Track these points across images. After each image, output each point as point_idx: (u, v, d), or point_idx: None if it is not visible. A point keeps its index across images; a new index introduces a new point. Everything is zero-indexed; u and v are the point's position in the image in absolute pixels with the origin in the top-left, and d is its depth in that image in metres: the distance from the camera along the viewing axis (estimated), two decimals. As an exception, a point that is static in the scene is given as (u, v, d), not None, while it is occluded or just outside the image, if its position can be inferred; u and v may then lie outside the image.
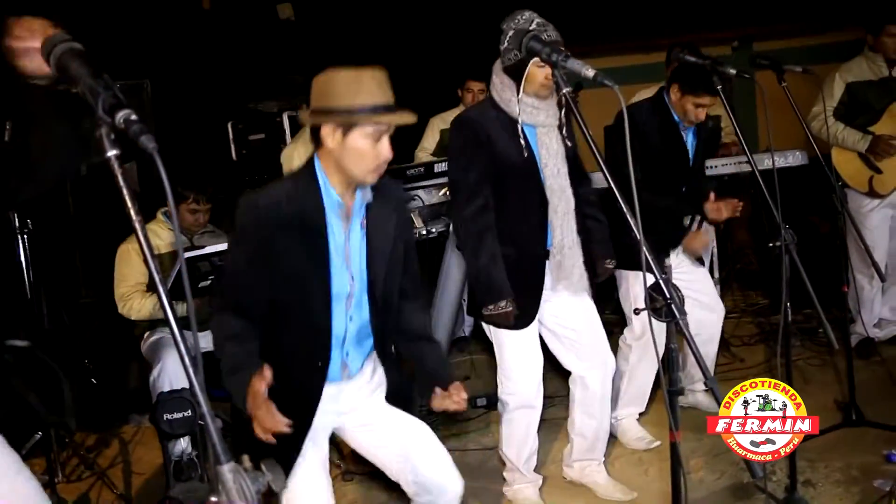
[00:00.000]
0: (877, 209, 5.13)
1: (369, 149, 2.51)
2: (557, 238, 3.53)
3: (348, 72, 2.51)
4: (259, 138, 6.79)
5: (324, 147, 2.55)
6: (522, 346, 3.66)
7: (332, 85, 2.52)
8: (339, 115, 2.48)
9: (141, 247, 1.44)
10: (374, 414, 2.87)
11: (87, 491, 4.43)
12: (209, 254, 4.26)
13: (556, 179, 3.48)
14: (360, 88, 2.48)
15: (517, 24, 3.27)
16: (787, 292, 3.28)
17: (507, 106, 3.43)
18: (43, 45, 1.59)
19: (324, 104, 2.52)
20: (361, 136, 2.49)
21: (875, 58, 5.03)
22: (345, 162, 2.53)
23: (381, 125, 2.50)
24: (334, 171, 2.58)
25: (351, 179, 2.58)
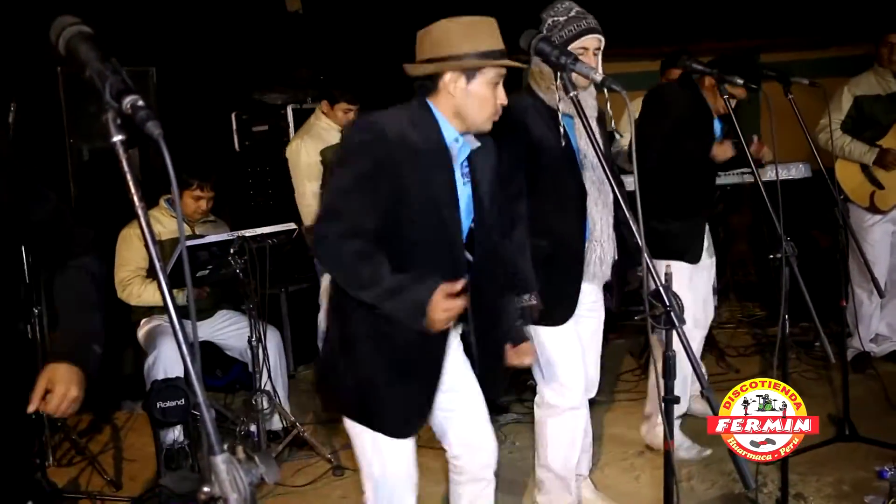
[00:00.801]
0: (878, 224, 5.14)
1: (490, 94, 2.53)
2: (598, 231, 3.40)
3: (463, 20, 2.52)
4: (262, 130, 6.78)
5: (439, 95, 2.55)
6: (567, 343, 3.46)
7: (450, 33, 2.52)
8: (463, 60, 2.49)
9: (143, 232, 1.43)
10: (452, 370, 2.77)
11: (78, 476, 4.43)
12: (209, 243, 4.26)
13: (595, 171, 3.37)
14: (481, 35, 2.52)
15: (556, 13, 3.23)
16: (786, 305, 3.27)
17: (544, 95, 3.31)
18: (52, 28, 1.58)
19: (444, 52, 2.50)
20: (484, 81, 2.52)
21: (884, 73, 5.04)
22: (467, 108, 2.54)
23: (501, 70, 2.53)
24: (451, 119, 2.57)
25: (470, 126, 2.58)
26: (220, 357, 5.05)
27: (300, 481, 4.26)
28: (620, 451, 4.41)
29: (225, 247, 4.28)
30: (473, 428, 2.84)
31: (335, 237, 2.46)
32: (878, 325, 5.38)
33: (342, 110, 5.31)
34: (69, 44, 1.55)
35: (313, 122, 5.44)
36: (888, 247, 5.21)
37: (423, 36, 2.57)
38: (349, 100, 5.29)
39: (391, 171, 2.47)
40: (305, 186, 5.28)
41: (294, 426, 4.54)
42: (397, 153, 2.47)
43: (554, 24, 3.21)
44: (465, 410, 2.81)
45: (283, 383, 4.82)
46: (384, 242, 2.49)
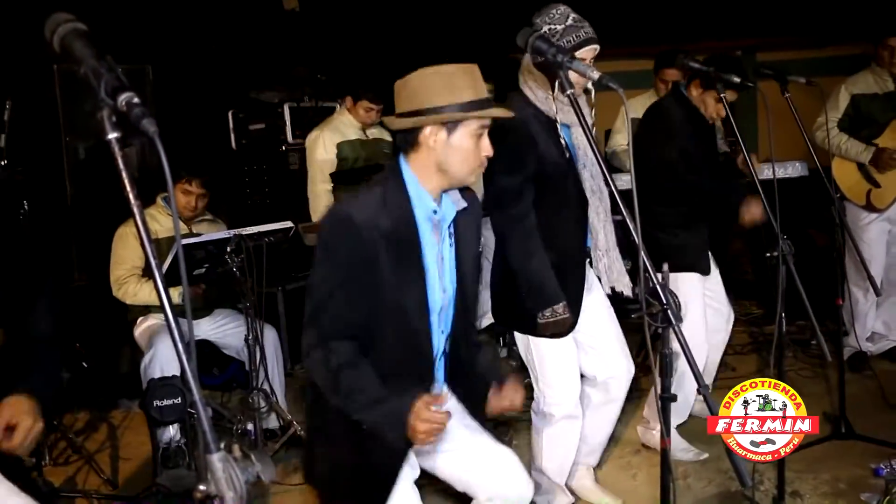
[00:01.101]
0: (874, 223, 5.15)
1: (473, 146, 2.46)
2: (601, 240, 3.41)
3: (442, 69, 2.44)
4: (259, 128, 6.78)
5: (419, 150, 2.47)
6: (564, 353, 3.46)
7: (428, 84, 2.43)
8: (442, 113, 2.40)
9: (138, 230, 1.43)
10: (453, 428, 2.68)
11: (74, 475, 4.42)
12: (206, 241, 4.26)
13: (594, 180, 3.37)
14: (460, 84, 2.42)
15: (552, 20, 3.14)
16: (783, 303, 3.27)
17: (542, 104, 3.27)
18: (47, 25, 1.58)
19: (422, 104, 2.42)
20: (467, 133, 2.44)
21: (881, 72, 5.05)
22: (449, 162, 2.45)
23: (484, 121, 2.45)
24: (431, 175, 2.48)
25: (452, 181, 2.50)
26: (217, 355, 5.04)
27: (297, 480, 4.25)
28: (618, 450, 4.40)
29: (222, 245, 4.28)
30: (499, 478, 2.74)
31: (313, 348, 2.45)
32: (875, 323, 5.39)
33: (364, 108, 5.32)
34: (64, 41, 1.55)
35: (336, 116, 5.48)
36: (884, 245, 5.22)
37: (401, 87, 2.48)
38: (371, 98, 5.29)
39: (365, 265, 2.41)
40: (318, 186, 5.31)
41: (291, 425, 4.54)
42: (369, 249, 2.40)
43: (552, 33, 3.11)
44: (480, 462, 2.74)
45: (280, 382, 4.81)
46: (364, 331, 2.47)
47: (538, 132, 3.25)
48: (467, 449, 2.73)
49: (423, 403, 2.36)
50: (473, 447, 2.74)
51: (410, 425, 2.35)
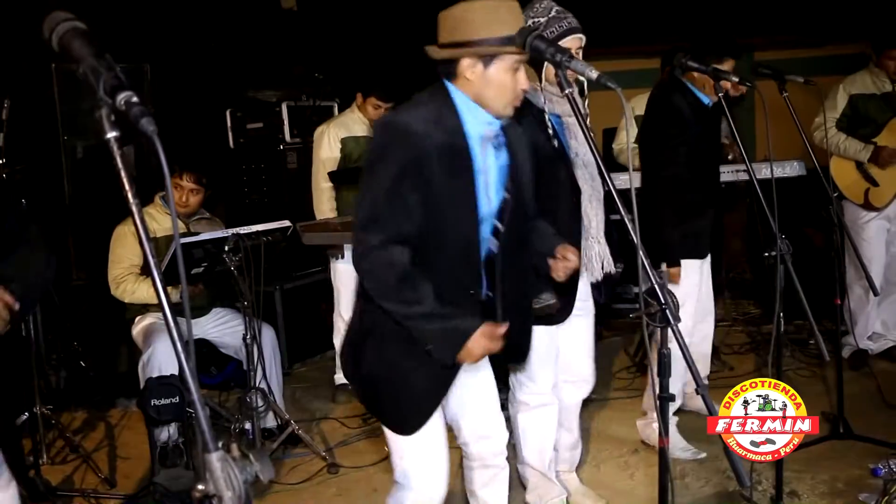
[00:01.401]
0: (873, 221, 5.16)
1: (509, 80, 2.49)
2: (594, 227, 3.43)
3: (484, 3, 2.46)
4: (257, 127, 6.78)
5: (458, 79, 2.51)
6: (542, 341, 3.43)
7: (470, 16, 2.46)
8: (481, 46, 2.44)
9: (137, 229, 1.43)
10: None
11: (72, 474, 4.42)
12: (204, 240, 4.25)
13: (585, 169, 3.39)
14: (500, 19, 2.45)
15: (536, 14, 3.22)
16: (781, 302, 3.28)
17: (531, 96, 3.24)
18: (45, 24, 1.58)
19: (462, 36, 2.46)
20: (503, 67, 2.47)
21: (879, 73, 5.07)
22: (485, 94, 2.50)
23: (521, 56, 2.48)
24: (473, 100, 2.53)
25: (489, 111, 2.54)
26: (215, 355, 5.04)
27: (295, 479, 4.26)
28: (615, 449, 4.41)
29: (220, 244, 4.27)
30: (484, 418, 2.86)
31: (375, 250, 2.47)
32: (874, 322, 5.39)
33: (372, 105, 5.33)
34: (62, 40, 1.54)
35: (346, 112, 5.51)
36: (883, 244, 5.23)
37: (444, 18, 2.52)
38: (379, 96, 5.30)
39: (418, 172, 2.45)
40: (321, 184, 5.35)
41: (289, 424, 4.54)
42: (422, 153, 2.45)
43: (535, 25, 3.17)
44: (476, 400, 2.84)
45: (278, 381, 4.81)
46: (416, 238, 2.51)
47: (526, 121, 3.20)
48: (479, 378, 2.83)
49: (487, 330, 2.47)
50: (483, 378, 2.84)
51: (469, 346, 2.46)
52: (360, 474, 4.22)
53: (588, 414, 4.83)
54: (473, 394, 2.83)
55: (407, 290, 2.46)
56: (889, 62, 5.01)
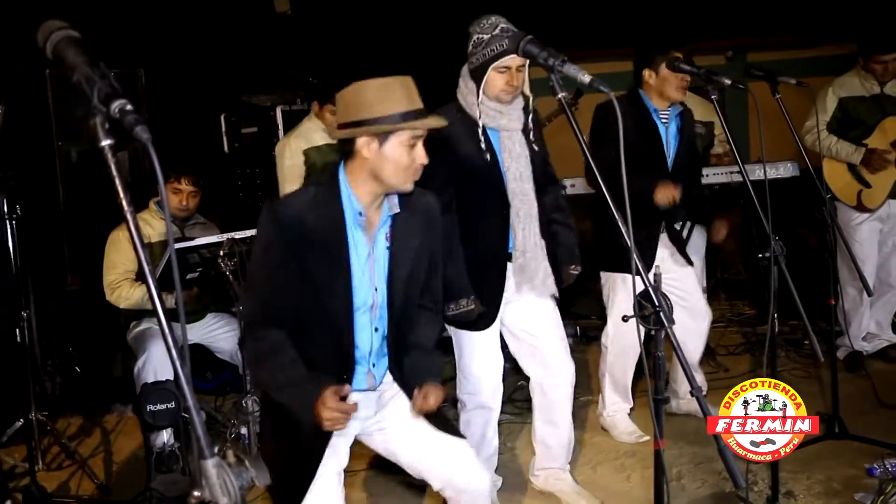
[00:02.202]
0: (865, 223, 5.17)
1: (406, 156, 2.54)
2: (520, 241, 3.52)
3: (377, 81, 2.54)
4: (252, 132, 6.76)
5: (356, 158, 2.57)
6: (482, 347, 3.64)
7: (363, 96, 2.53)
8: (374, 125, 2.50)
9: (131, 235, 1.43)
10: (397, 419, 2.86)
11: (67, 480, 4.41)
12: (199, 245, 4.25)
13: (518, 183, 3.49)
14: (393, 96, 2.52)
15: (482, 29, 3.33)
16: (775, 303, 3.28)
17: (470, 109, 3.44)
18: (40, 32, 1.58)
19: (357, 116, 2.52)
20: (398, 144, 2.53)
21: (867, 75, 5.08)
22: (383, 172, 2.55)
23: (416, 131, 2.54)
24: (366, 181, 2.58)
25: (388, 188, 2.60)
26: (210, 359, 5.04)
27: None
28: (611, 451, 4.41)
29: (214, 249, 4.27)
30: (450, 467, 2.82)
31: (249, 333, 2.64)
32: (869, 323, 5.41)
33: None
34: (56, 48, 1.55)
35: (304, 122, 5.45)
36: (876, 245, 5.25)
37: (339, 99, 2.60)
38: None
39: (292, 258, 2.55)
40: (286, 188, 5.30)
41: (285, 428, 4.53)
42: (295, 241, 2.54)
43: (479, 42, 3.32)
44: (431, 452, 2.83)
45: (274, 385, 4.80)
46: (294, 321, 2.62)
47: (459, 136, 3.42)
48: (420, 437, 2.84)
49: (330, 393, 2.48)
50: (425, 436, 2.84)
51: (317, 412, 2.48)
52: (355, 478, 4.21)
53: (583, 416, 4.84)
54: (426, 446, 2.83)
55: (267, 365, 2.59)
56: (876, 66, 5.03)
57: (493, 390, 3.72)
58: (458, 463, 2.82)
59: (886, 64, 5.00)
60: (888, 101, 5.07)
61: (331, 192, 2.60)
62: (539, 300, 3.67)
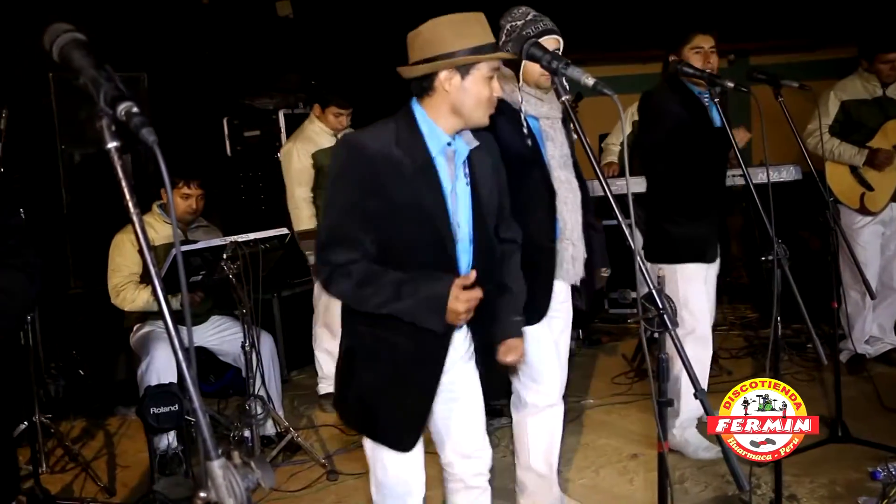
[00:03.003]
0: (868, 226, 5.17)
1: (486, 89, 2.55)
2: (568, 229, 3.44)
3: (453, 17, 2.54)
4: (254, 135, 6.79)
5: (435, 94, 2.56)
6: (540, 340, 3.44)
7: (441, 31, 2.53)
8: (457, 57, 2.50)
9: (138, 239, 1.44)
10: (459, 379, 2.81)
11: (71, 482, 4.42)
12: (202, 248, 4.26)
13: (563, 171, 3.42)
14: (471, 31, 2.53)
15: (514, 18, 3.30)
16: (778, 307, 3.28)
17: (509, 96, 3.33)
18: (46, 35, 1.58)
19: (436, 51, 2.51)
20: (479, 77, 2.54)
21: (869, 77, 5.07)
22: (464, 105, 2.55)
23: (493, 64, 2.55)
24: (447, 115, 2.58)
25: (468, 122, 2.59)
26: (214, 362, 5.04)
27: (294, 486, 4.26)
28: (614, 454, 4.41)
29: (218, 252, 4.28)
30: (469, 436, 2.86)
31: (338, 267, 2.54)
32: (871, 326, 5.41)
33: (333, 114, 5.32)
34: (63, 51, 1.55)
35: (306, 125, 5.46)
36: (878, 248, 5.24)
37: (414, 37, 2.58)
38: (340, 104, 5.31)
39: (376, 191, 2.51)
40: (295, 191, 5.31)
41: (288, 431, 4.54)
42: (380, 171, 2.51)
43: (512, 29, 3.28)
44: (462, 418, 2.84)
45: (277, 388, 4.81)
46: (384, 254, 2.56)
47: (502, 123, 3.28)
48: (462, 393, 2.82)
49: (459, 283, 2.49)
50: (467, 393, 2.83)
51: (450, 307, 2.48)
52: (360, 481, 4.22)
53: (586, 419, 4.84)
54: (459, 413, 2.83)
55: (373, 287, 2.52)
56: (882, 66, 5.02)
57: (560, 386, 3.58)
58: (474, 428, 2.86)
59: (893, 63, 4.99)
60: (890, 103, 5.06)
61: (409, 127, 2.58)
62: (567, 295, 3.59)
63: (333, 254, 2.54)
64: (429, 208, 2.56)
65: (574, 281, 3.53)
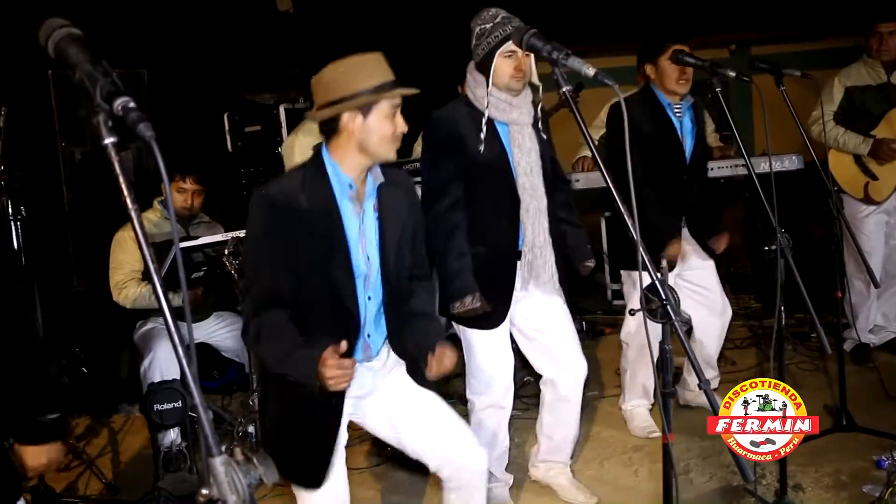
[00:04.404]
0: (872, 215, 5.15)
1: (389, 125, 2.65)
2: (529, 237, 3.50)
3: (350, 60, 2.65)
4: (255, 130, 6.76)
5: (340, 135, 2.66)
6: (492, 346, 3.59)
7: (341, 74, 2.64)
8: (357, 99, 2.60)
9: (137, 235, 1.43)
10: (392, 395, 2.91)
11: (76, 480, 4.41)
12: (203, 244, 4.25)
13: (528, 178, 3.46)
14: (367, 71, 2.64)
15: (483, 21, 3.34)
16: (782, 296, 3.27)
17: (478, 103, 3.40)
18: (41, 31, 1.57)
19: (337, 94, 2.62)
20: (381, 114, 2.64)
21: (874, 64, 5.04)
22: (370, 143, 2.64)
23: (395, 100, 2.64)
24: (354, 155, 2.67)
25: (375, 158, 2.69)
26: (217, 358, 5.04)
27: (299, 481, 4.25)
28: (619, 446, 4.41)
29: (219, 248, 4.27)
30: (446, 440, 2.89)
31: (252, 319, 2.67)
32: (875, 315, 5.39)
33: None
34: (58, 46, 1.54)
35: (307, 119, 5.44)
36: (882, 237, 5.22)
37: (316, 82, 2.70)
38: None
39: (282, 237, 2.62)
40: None
41: (291, 426, 4.52)
42: (289, 222, 2.61)
43: (482, 32, 3.33)
44: (431, 426, 2.89)
45: (280, 383, 4.80)
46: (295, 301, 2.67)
47: (468, 131, 3.40)
48: (417, 414, 2.90)
49: (330, 352, 2.54)
50: (423, 412, 2.90)
51: (319, 372, 2.53)
52: (363, 476, 4.21)
53: (590, 411, 4.83)
54: (424, 422, 2.89)
55: (270, 342, 2.63)
56: (873, 40, 4.98)
57: (504, 389, 3.67)
58: (456, 440, 2.89)
59: (883, 36, 4.95)
60: (895, 90, 5.03)
61: (317, 171, 2.69)
62: (547, 297, 3.64)
63: (249, 301, 2.69)
64: (331, 255, 2.67)
65: (549, 285, 3.60)
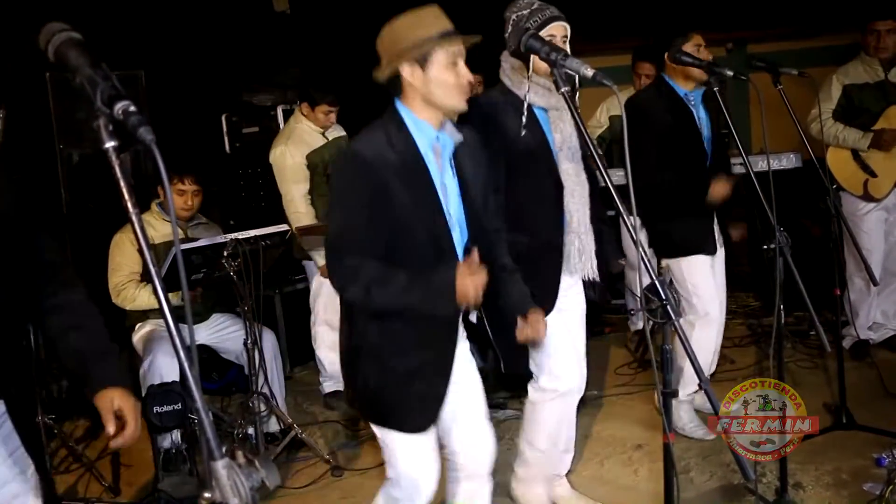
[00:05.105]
0: (872, 212, 5.15)
1: (451, 75, 2.59)
2: (575, 223, 3.41)
3: (406, 15, 2.60)
4: (253, 131, 6.76)
5: (406, 91, 2.62)
6: (555, 330, 3.34)
7: (395, 30, 2.60)
8: (411, 50, 2.55)
9: (137, 239, 1.43)
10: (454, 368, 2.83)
11: (76, 483, 4.41)
12: (202, 246, 4.25)
13: (570, 163, 3.39)
14: (423, 24, 2.58)
15: (518, 8, 3.27)
16: (781, 294, 3.27)
17: (517, 89, 3.32)
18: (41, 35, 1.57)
19: (395, 49, 2.59)
20: (440, 65, 2.57)
21: (871, 61, 5.04)
22: (433, 95, 2.59)
23: (453, 48, 2.59)
24: (422, 109, 2.63)
25: (444, 110, 2.64)
26: (216, 360, 5.03)
27: (299, 483, 4.26)
28: (619, 445, 4.41)
29: (218, 249, 4.27)
30: (474, 426, 2.90)
31: (348, 272, 2.60)
32: (874, 312, 5.39)
33: (323, 112, 5.27)
34: (59, 50, 1.54)
35: (294, 125, 5.37)
36: (882, 234, 5.22)
37: (379, 43, 2.65)
38: (330, 102, 5.26)
39: (377, 195, 2.56)
40: (292, 190, 5.23)
41: (291, 428, 4.53)
42: (379, 176, 2.56)
43: (518, 19, 3.25)
44: (466, 408, 2.87)
45: (280, 385, 4.81)
46: (390, 253, 2.61)
47: (508, 116, 3.32)
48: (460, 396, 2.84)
49: (465, 266, 2.54)
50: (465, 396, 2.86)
51: (459, 288, 2.51)
52: (364, 477, 4.22)
53: (590, 411, 4.83)
54: (464, 404, 2.86)
55: (381, 286, 2.57)
56: (870, 38, 4.99)
57: (576, 374, 3.58)
58: (483, 430, 2.91)
59: (880, 33, 4.96)
60: (893, 88, 5.03)
61: (397, 126, 2.64)
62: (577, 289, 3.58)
63: (342, 259, 2.60)
64: (425, 204, 2.62)
65: (584, 274, 3.51)
